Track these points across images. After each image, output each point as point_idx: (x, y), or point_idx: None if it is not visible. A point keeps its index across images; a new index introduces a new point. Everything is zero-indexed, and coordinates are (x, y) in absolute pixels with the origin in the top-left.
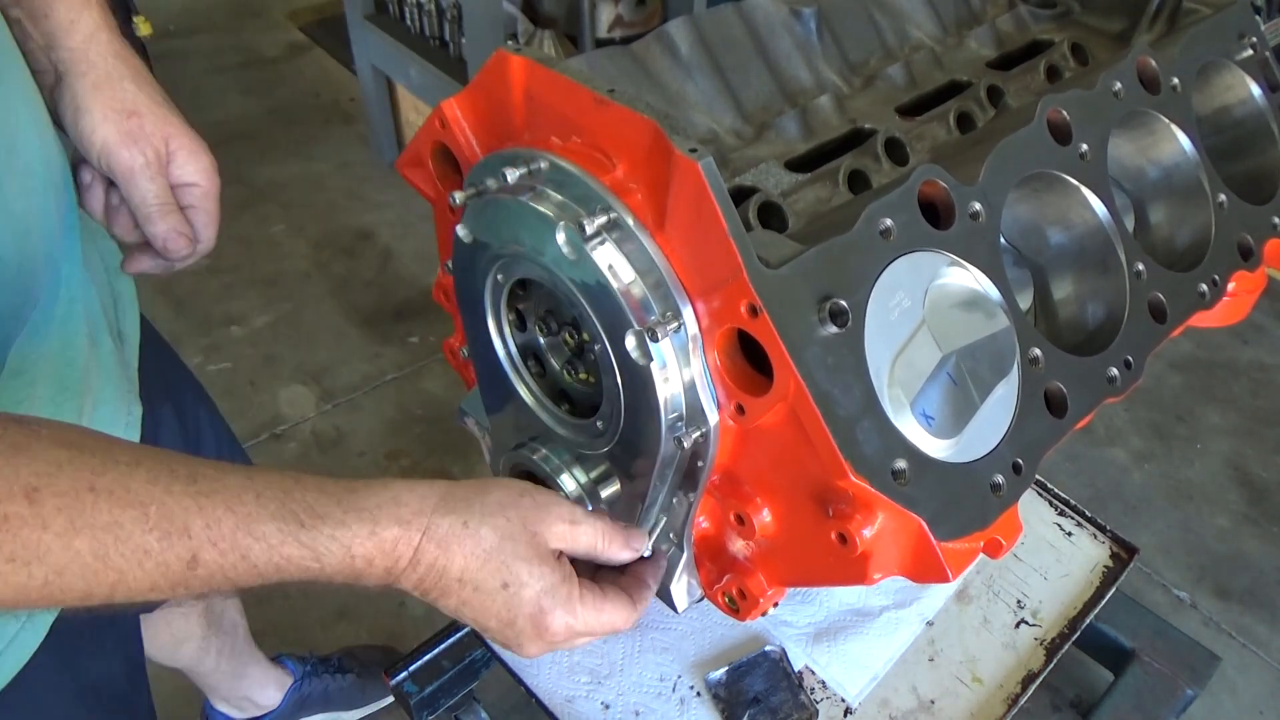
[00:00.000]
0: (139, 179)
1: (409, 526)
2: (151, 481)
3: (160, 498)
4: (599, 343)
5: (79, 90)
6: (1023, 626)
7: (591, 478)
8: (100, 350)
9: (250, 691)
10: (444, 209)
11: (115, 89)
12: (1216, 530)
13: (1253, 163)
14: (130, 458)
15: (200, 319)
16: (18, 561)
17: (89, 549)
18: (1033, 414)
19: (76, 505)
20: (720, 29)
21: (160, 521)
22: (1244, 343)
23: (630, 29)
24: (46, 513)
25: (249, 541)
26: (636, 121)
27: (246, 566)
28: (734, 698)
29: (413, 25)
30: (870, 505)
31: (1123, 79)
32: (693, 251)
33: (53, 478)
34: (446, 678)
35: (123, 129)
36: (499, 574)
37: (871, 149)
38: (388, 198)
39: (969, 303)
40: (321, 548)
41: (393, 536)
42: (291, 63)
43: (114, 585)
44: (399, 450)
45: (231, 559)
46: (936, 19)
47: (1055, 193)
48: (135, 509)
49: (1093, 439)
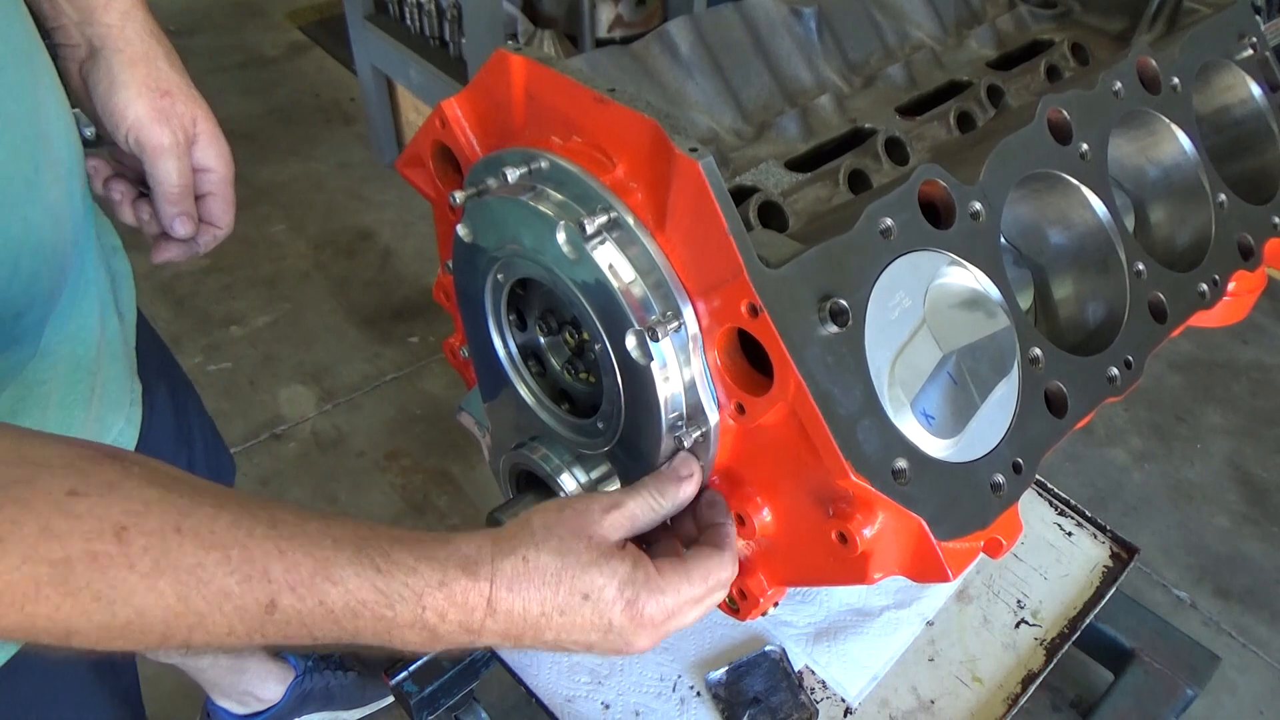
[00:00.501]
0: (165, 157)
1: (476, 576)
2: (234, 525)
3: (243, 540)
4: (599, 342)
5: (115, 65)
6: (1023, 626)
7: (591, 477)
8: (108, 329)
9: (251, 686)
10: (444, 209)
11: (150, 67)
12: (1216, 530)
13: (1253, 163)
14: (215, 500)
15: (200, 319)
16: (103, 600)
17: (172, 590)
18: (1033, 413)
19: (162, 546)
20: (720, 29)
21: (241, 565)
22: (1244, 343)
23: (630, 29)
24: (134, 553)
25: (326, 586)
26: (637, 121)
27: (323, 612)
28: (734, 698)
29: (413, 25)
30: (870, 505)
31: (1123, 79)
32: (693, 251)
33: (142, 517)
34: (446, 678)
35: (156, 106)
36: (576, 589)
37: (872, 149)
38: (388, 198)
39: (969, 302)
40: (395, 595)
41: (463, 587)
42: (291, 63)
43: (192, 628)
44: (399, 450)
45: (309, 604)
46: (937, 19)
47: (1056, 192)
48: (218, 551)
49: (1093, 439)
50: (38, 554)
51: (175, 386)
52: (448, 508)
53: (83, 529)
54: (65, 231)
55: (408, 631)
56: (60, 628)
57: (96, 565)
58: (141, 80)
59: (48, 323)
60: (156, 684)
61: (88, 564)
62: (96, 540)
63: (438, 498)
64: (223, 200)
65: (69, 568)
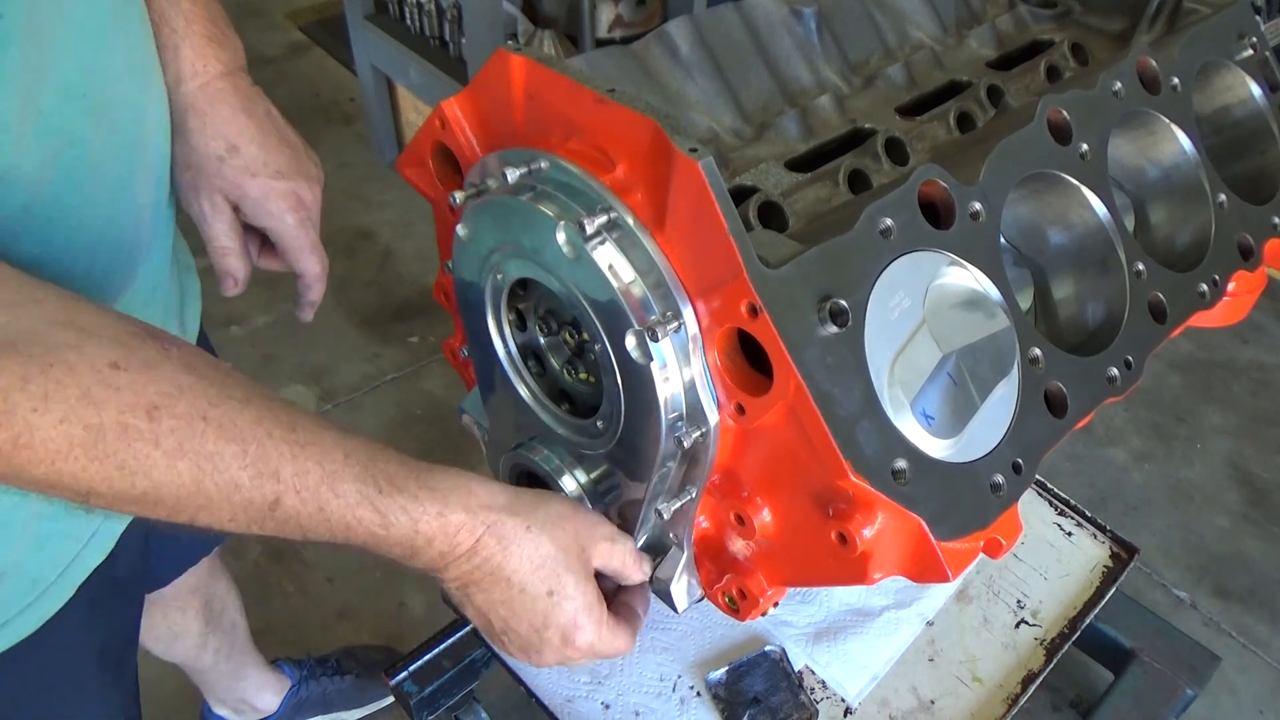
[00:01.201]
0: (199, 224)
1: (474, 516)
2: (256, 422)
3: (261, 438)
4: (599, 342)
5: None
6: (1023, 626)
7: (591, 478)
8: None
9: (248, 694)
10: (444, 209)
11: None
12: (1216, 530)
13: (1253, 163)
14: (242, 394)
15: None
16: (125, 470)
17: (189, 473)
18: (1033, 414)
19: (188, 430)
20: (720, 29)
21: (256, 461)
22: (1244, 343)
23: (630, 29)
24: (161, 432)
25: (329, 496)
26: (637, 121)
27: (321, 519)
28: (734, 698)
29: (413, 25)
30: (870, 505)
31: (1123, 79)
32: (693, 251)
33: (174, 400)
34: (446, 678)
35: (181, 181)
36: (548, 581)
37: (871, 149)
38: (388, 198)
39: (969, 302)
40: (392, 516)
41: (457, 522)
42: (291, 63)
43: (199, 509)
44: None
45: (310, 509)
46: (937, 19)
47: (1055, 193)
48: (237, 445)
49: (1093, 439)
50: (76, 416)
51: None
52: None
53: (119, 401)
54: (144, 234)
55: (394, 548)
56: (82, 486)
57: (125, 437)
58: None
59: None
60: (156, 687)
61: (118, 434)
62: (130, 414)
63: None
64: (290, 251)
65: (101, 434)
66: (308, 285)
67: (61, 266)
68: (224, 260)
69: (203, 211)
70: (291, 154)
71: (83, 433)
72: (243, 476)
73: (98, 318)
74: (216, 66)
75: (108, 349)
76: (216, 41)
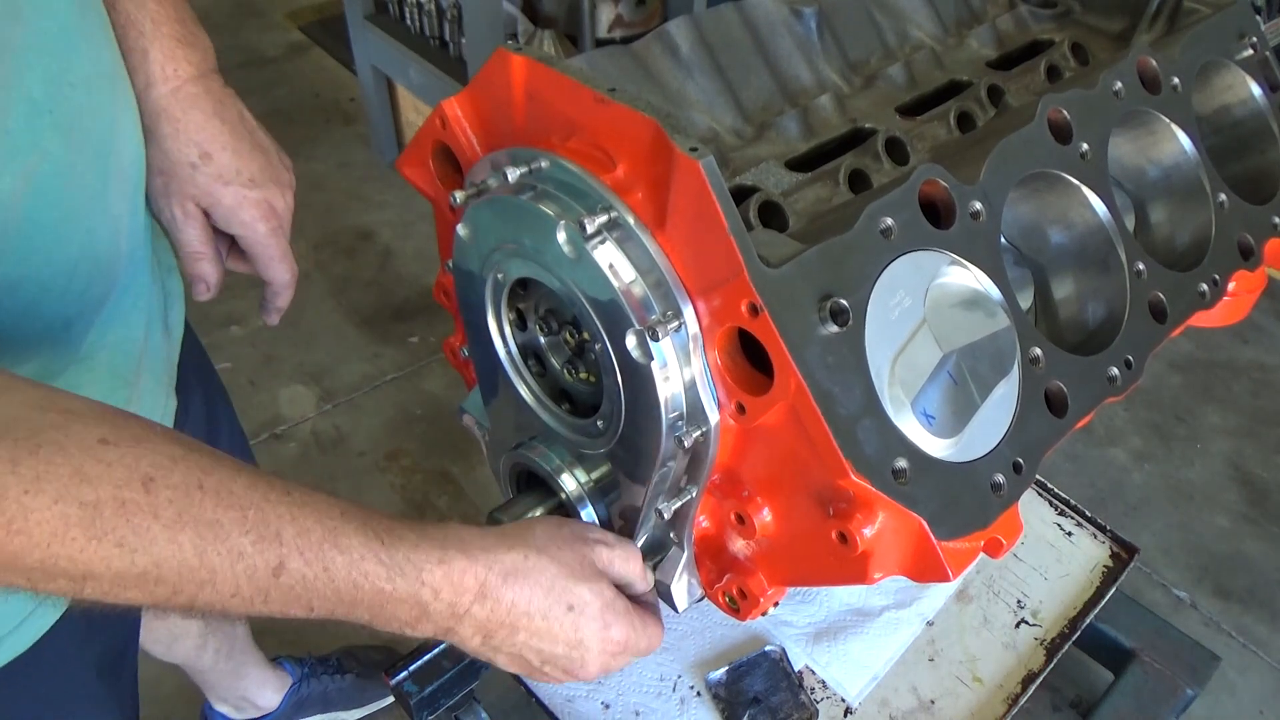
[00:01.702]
0: (169, 230)
1: (474, 559)
2: (251, 487)
3: (259, 502)
4: (599, 342)
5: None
6: (1023, 626)
7: (592, 477)
8: (151, 343)
9: (249, 692)
10: (444, 209)
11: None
12: (1216, 530)
13: (1253, 163)
14: (232, 464)
15: (200, 319)
16: (125, 547)
17: (191, 544)
18: (1033, 413)
19: (186, 500)
20: (720, 28)
21: (257, 525)
22: (1244, 343)
23: (630, 29)
24: (159, 503)
25: (334, 554)
26: (637, 120)
27: (326, 580)
28: (734, 698)
29: (413, 25)
30: (870, 504)
31: (1123, 79)
32: (693, 250)
33: (168, 470)
34: (446, 678)
35: (152, 186)
36: (564, 598)
37: (872, 148)
38: (388, 198)
39: (969, 302)
40: (396, 568)
41: (460, 567)
42: (291, 63)
43: (202, 584)
44: (399, 450)
45: (315, 569)
46: (937, 19)
47: (1056, 192)
48: (236, 510)
49: (1093, 439)
50: (70, 494)
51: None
52: (448, 508)
53: (113, 476)
54: (123, 244)
55: (400, 607)
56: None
57: (124, 512)
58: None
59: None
60: (156, 686)
61: (115, 509)
62: (126, 488)
63: (438, 498)
64: (261, 260)
65: (98, 511)
66: (276, 293)
67: (40, 284)
68: (196, 265)
69: (174, 217)
70: (264, 160)
71: (79, 511)
72: (245, 543)
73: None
74: (188, 69)
75: (95, 425)
76: (186, 43)
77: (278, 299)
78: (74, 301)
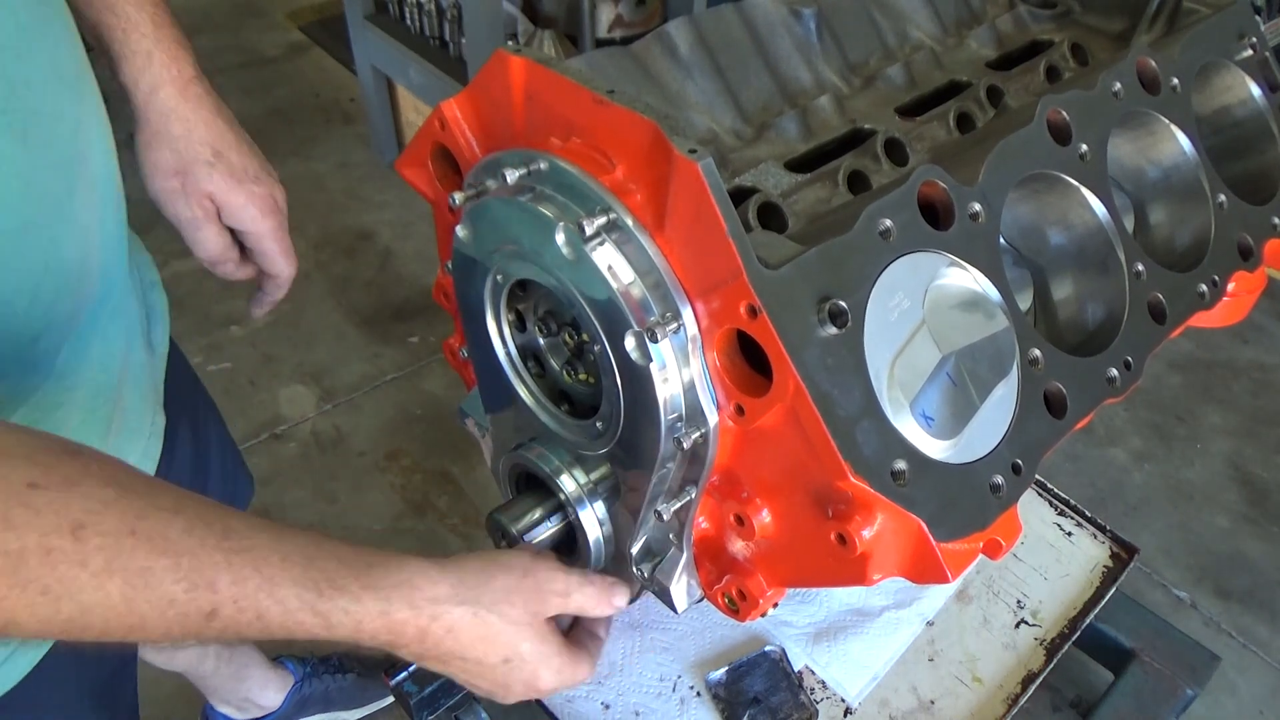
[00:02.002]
0: (189, 230)
1: (419, 611)
2: (187, 532)
3: (194, 549)
4: (598, 343)
5: (138, 144)
6: (1023, 626)
7: (591, 478)
8: (133, 359)
9: (251, 693)
10: (444, 210)
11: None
12: (1216, 530)
13: (1252, 163)
14: (171, 504)
15: (200, 319)
16: (50, 595)
17: (119, 592)
18: (1032, 414)
19: (116, 547)
20: (720, 29)
21: (190, 573)
22: (1244, 343)
23: (630, 29)
24: (88, 551)
25: (268, 603)
26: (636, 122)
27: (260, 625)
28: (734, 698)
29: (413, 25)
30: (870, 506)
31: (1123, 79)
32: (692, 252)
33: (100, 516)
34: (446, 678)
35: (166, 189)
36: (502, 651)
37: (871, 149)
38: (388, 198)
39: (969, 303)
40: (334, 619)
41: (402, 619)
42: (291, 63)
43: (130, 629)
44: (399, 450)
45: (248, 616)
46: (936, 19)
47: (1055, 193)
48: (169, 558)
49: (1093, 439)
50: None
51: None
52: (448, 508)
53: (40, 523)
54: (93, 255)
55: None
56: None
57: (49, 560)
58: (154, 162)
59: (64, 346)
60: (156, 687)
61: (41, 558)
62: (53, 535)
63: (438, 498)
64: (266, 254)
65: (22, 560)
66: (278, 286)
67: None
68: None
69: (193, 219)
70: (259, 159)
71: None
72: (176, 590)
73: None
74: (189, 70)
75: (24, 468)
76: (183, 45)
77: (278, 292)
78: (40, 316)
